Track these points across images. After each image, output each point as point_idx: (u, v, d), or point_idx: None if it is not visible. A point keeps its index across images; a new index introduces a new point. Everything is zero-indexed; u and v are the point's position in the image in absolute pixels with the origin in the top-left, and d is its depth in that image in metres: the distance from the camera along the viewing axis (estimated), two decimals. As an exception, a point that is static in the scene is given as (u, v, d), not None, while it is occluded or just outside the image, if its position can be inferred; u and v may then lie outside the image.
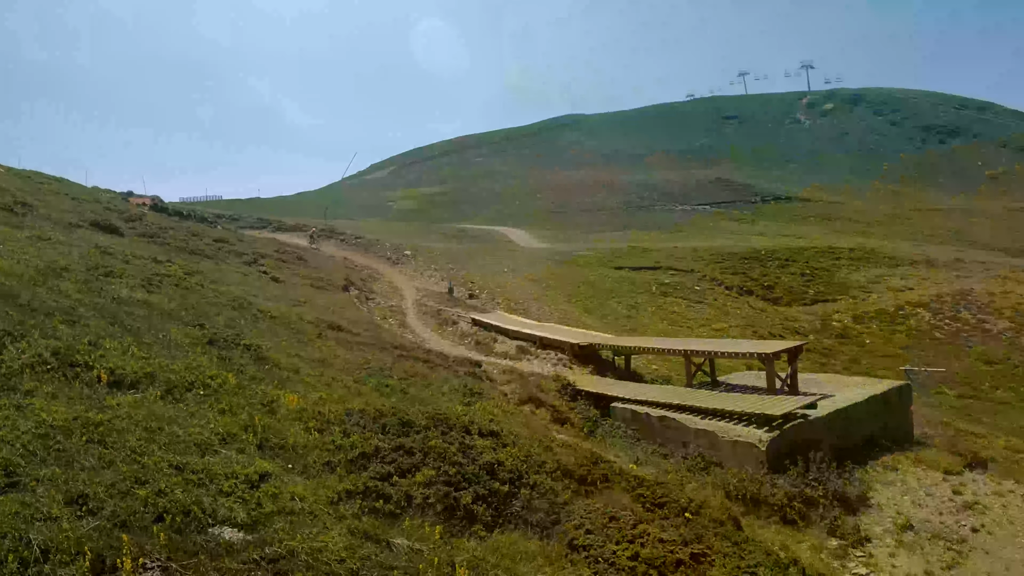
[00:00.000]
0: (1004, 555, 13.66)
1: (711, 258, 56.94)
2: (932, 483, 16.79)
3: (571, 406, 21.50)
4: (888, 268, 58.97)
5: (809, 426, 17.49)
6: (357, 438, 10.39)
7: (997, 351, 41.11)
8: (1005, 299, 50.19)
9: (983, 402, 33.71)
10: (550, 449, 12.90)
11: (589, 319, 37.85)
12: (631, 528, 9.96)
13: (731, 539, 10.74)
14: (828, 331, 44.16)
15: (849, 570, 12.67)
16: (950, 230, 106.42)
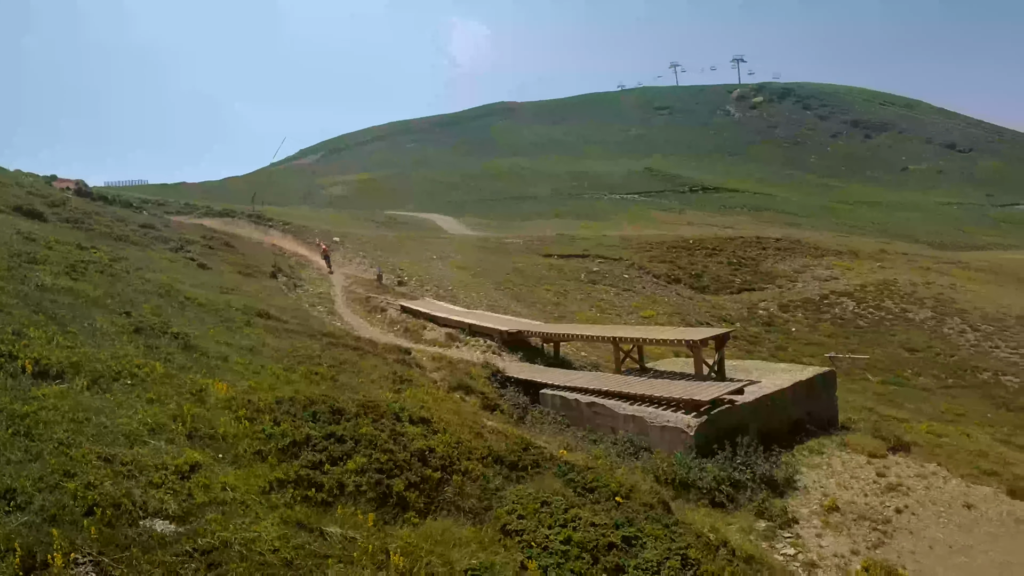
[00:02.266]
0: (927, 534, 13.98)
1: (640, 246, 57.51)
2: (857, 466, 17.11)
3: (501, 393, 21.50)
4: (814, 258, 60.25)
5: (736, 411, 17.67)
6: (288, 426, 10.20)
7: (919, 339, 42.28)
8: (927, 289, 51.70)
9: (905, 388, 34.64)
10: (481, 436, 12.87)
11: (518, 306, 37.87)
12: (563, 513, 9.97)
13: (662, 522, 10.81)
14: (755, 319, 44.96)
15: (777, 551, 12.82)
16: (875, 222, 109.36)
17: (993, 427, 29.14)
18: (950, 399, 33.65)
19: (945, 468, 17.83)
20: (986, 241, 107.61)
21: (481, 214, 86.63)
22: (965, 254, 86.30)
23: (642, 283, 48.82)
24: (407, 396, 14.82)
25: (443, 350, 26.45)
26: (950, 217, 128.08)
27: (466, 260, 48.41)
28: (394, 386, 16.51)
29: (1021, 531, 14.34)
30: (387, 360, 20.93)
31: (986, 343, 42.30)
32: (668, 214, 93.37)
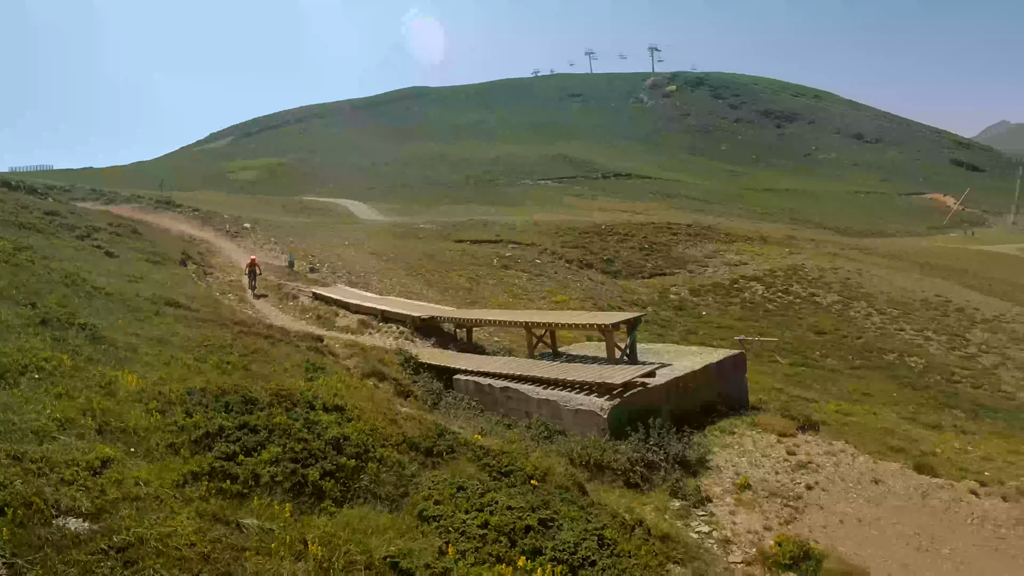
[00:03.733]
0: (837, 509, 14.27)
1: (552, 232, 57.82)
2: (768, 445, 17.39)
3: (414, 379, 21.37)
4: (724, 244, 61.47)
5: (649, 394, 17.79)
6: (200, 418, 9.91)
7: (827, 322, 43.44)
8: (834, 274, 53.22)
9: (814, 369, 35.50)
10: (395, 422, 12.73)
11: (431, 292, 37.67)
12: (479, 497, 9.92)
13: (577, 503, 10.85)
14: (666, 303, 45.56)
15: (692, 529, 12.94)
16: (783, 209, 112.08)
17: (899, 406, 30.08)
18: (857, 380, 34.62)
19: (853, 446, 18.25)
20: (891, 228, 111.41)
21: (394, 200, 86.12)
22: (870, 240, 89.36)
23: (554, 268, 49.03)
24: (320, 384, 14.57)
25: (356, 337, 26.21)
26: (857, 205, 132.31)
27: (379, 246, 47.95)
28: (307, 374, 16.23)
29: (927, 504, 14.77)
30: (300, 348, 20.61)
31: (891, 326, 43.70)
32: (580, 200, 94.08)
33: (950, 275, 62.07)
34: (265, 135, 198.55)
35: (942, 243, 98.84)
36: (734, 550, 12.39)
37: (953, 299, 50.38)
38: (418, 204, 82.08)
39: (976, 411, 31.99)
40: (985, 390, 35.24)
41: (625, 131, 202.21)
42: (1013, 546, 13.63)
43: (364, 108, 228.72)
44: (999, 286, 60.65)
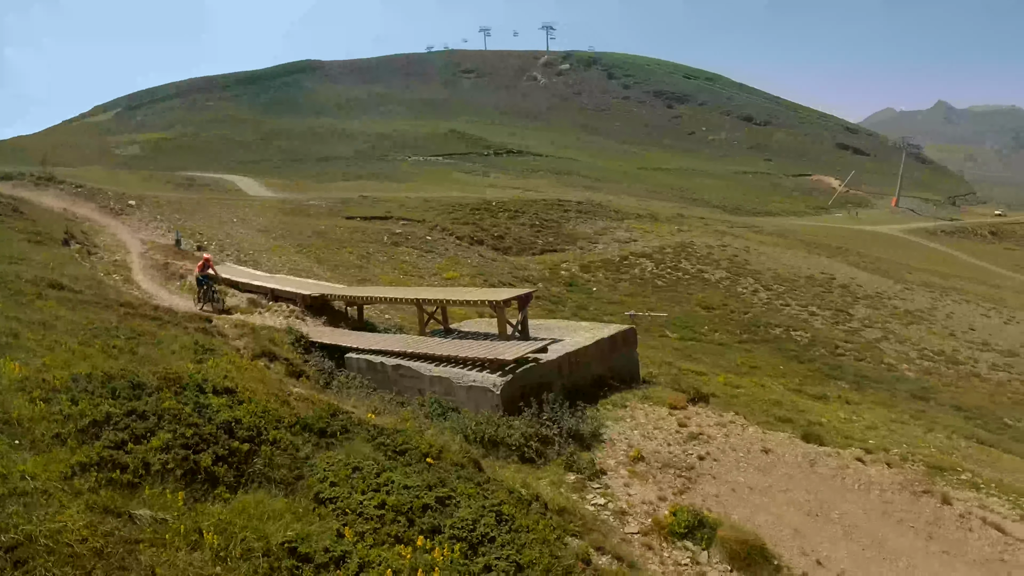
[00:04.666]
0: (729, 479, 14.53)
1: (443, 208, 57.54)
2: (659, 417, 17.57)
3: (306, 359, 20.96)
4: (614, 221, 62.21)
5: (541, 369, 17.78)
6: (86, 405, 9.37)
7: (715, 298, 44.44)
8: (722, 252, 54.48)
9: (703, 344, 36.29)
10: (287, 403, 12.48)
11: (321, 269, 37.03)
12: (375, 477, 9.75)
13: (474, 480, 10.78)
14: (557, 279, 45.86)
15: (588, 501, 12.99)
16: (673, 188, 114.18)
17: (785, 378, 31.01)
18: (745, 353, 35.55)
19: (743, 417, 18.61)
20: (778, 208, 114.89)
21: (283, 175, 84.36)
22: (758, 219, 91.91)
23: (445, 245, 48.83)
24: (210, 366, 14.10)
25: (245, 317, 25.56)
26: (745, 185, 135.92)
27: (268, 223, 46.92)
28: (196, 356, 15.67)
29: (815, 471, 15.20)
30: (188, 329, 19.90)
31: (777, 301, 45.02)
32: (472, 176, 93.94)
33: (834, 253, 64.38)
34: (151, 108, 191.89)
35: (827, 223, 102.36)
36: (630, 521, 12.48)
37: (837, 276, 52.25)
38: (308, 180, 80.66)
39: (860, 382, 33.24)
40: (868, 362, 36.66)
41: (518, 108, 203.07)
42: (899, 509, 14.17)
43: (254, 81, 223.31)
44: (881, 264, 63.27)
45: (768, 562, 11.74)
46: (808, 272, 52.25)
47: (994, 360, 40.09)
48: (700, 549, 11.78)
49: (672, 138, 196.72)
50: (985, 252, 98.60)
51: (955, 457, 21.24)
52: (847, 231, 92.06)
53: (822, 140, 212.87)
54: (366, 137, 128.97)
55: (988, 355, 40.75)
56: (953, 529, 13.98)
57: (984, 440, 26.38)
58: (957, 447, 23.54)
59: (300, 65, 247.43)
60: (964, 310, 49.70)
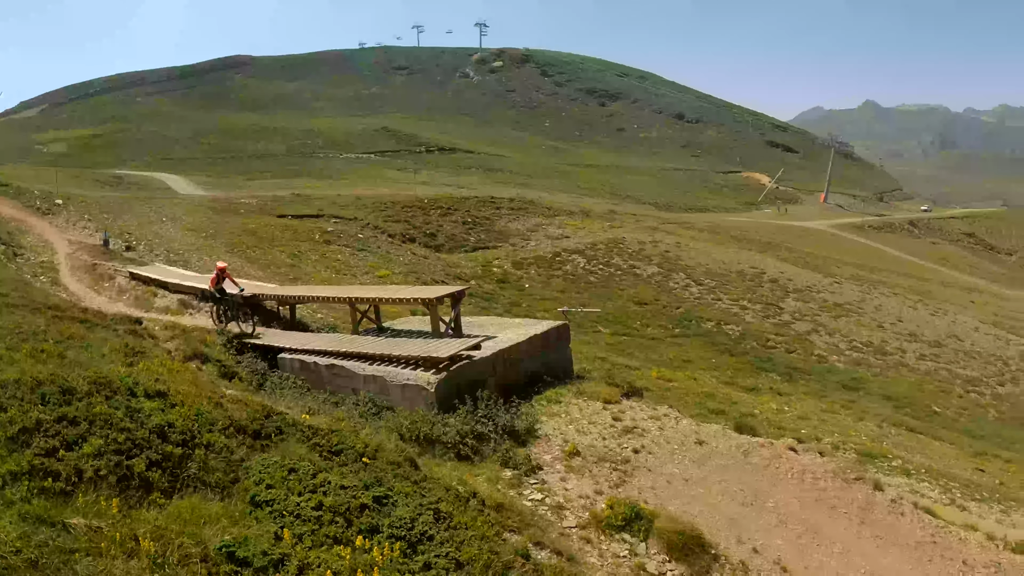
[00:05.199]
0: (664, 471, 14.67)
1: (375, 206, 57.13)
2: (594, 412, 17.65)
3: (238, 360, 20.62)
4: (546, 218, 62.42)
5: (475, 366, 17.76)
6: (15, 412, 9.05)
7: (647, 293, 44.83)
8: (654, 248, 54.99)
9: (635, 338, 36.60)
10: (221, 406, 12.17)
11: (252, 269, 36.47)
12: (311, 478, 9.66)
13: (411, 479, 10.80)
14: (489, 276, 45.89)
15: (525, 497, 13.01)
16: (605, 184, 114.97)
17: (718, 371, 31.45)
18: (677, 347, 35.96)
19: (676, 410, 18.81)
20: (709, 204, 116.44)
21: (213, 173, 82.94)
22: (689, 215, 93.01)
23: (377, 243, 48.52)
24: (141, 369, 13.80)
25: (176, 318, 25.07)
26: (676, 181, 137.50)
27: (198, 222, 46.04)
28: (127, 359, 15.34)
29: (749, 462, 15.40)
30: (118, 332, 19.47)
31: (709, 296, 45.63)
32: (403, 174, 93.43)
33: (765, 249, 65.49)
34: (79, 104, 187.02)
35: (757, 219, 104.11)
36: (568, 515, 12.52)
37: (767, 271, 53.13)
38: (238, 178, 79.43)
39: (791, 374, 33.87)
40: (798, 354, 37.36)
41: (450, 106, 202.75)
42: (832, 496, 14.47)
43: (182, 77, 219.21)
44: (810, 259, 64.55)
45: (706, 551, 11.88)
46: (739, 267, 53.03)
47: (921, 350, 41.20)
48: (638, 541, 11.86)
49: (604, 135, 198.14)
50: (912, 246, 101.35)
51: (885, 445, 21.77)
52: (777, 227, 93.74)
53: (752, 138, 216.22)
54: (298, 134, 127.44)
55: (915, 346, 41.86)
56: (885, 514, 14.31)
57: (913, 428, 27.10)
58: (887, 435, 24.12)
59: (232, 60, 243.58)
60: (892, 303, 50.95)
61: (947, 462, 22.01)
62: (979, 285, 79.09)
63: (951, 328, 46.83)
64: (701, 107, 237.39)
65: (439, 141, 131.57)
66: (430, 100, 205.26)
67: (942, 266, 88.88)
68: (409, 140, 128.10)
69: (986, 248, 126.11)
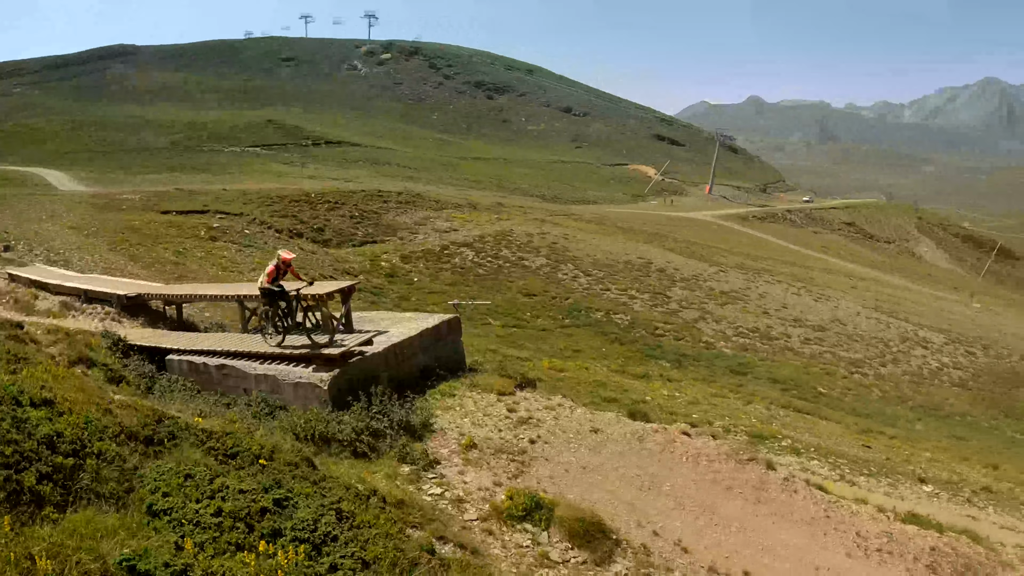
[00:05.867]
0: (561, 460, 14.83)
1: (261, 201, 55.95)
2: (488, 404, 17.68)
3: (125, 363, 19.80)
4: (434, 211, 62.24)
5: (367, 362, 17.58)
6: None
7: (536, 284, 45.17)
8: (542, 239, 55.39)
9: (525, 330, 36.86)
10: (110, 412, 11.63)
11: (136, 268, 35.25)
12: (208, 484, 9.37)
13: (309, 479, 10.65)
14: (378, 271, 45.52)
15: (425, 492, 12.96)
16: (493, 177, 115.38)
17: (608, 360, 31.89)
18: (567, 337, 36.35)
19: (570, 399, 19.01)
20: (596, 196, 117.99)
21: (95, 168, 79.58)
22: (577, 207, 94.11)
23: (264, 238, 47.56)
24: (25, 376, 13.10)
25: (59, 321, 23.95)
26: (563, 174, 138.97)
27: (79, 220, 44.11)
28: (9, 367, 14.57)
29: (644, 447, 15.69)
30: (-2, 337, 18.59)
31: (597, 286, 46.27)
32: (290, 167, 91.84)
33: (651, 239, 66.70)
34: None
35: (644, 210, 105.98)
36: (468, 508, 12.54)
37: (654, 261, 54.15)
38: (121, 173, 76.57)
39: (680, 360, 34.62)
40: (687, 341, 38.21)
41: (337, 98, 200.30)
42: (726, 478, 14.89)
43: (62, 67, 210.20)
44: (696, 249, 66.02)
45: (607, 537, 12.04)
46: (626, 257, 53.88)
47: (806, 335, 42.70)
48: (540, 530, 11.97)
49: (492, 128, 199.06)
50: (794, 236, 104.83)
51: (775, 426, 22.48)
52: (663, 217, 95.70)
53: (639, 131, 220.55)
54: (181, 127, 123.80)
55: (800, 330, 43.35)
56: (779, 492, 14.84)
57: (800, 408, 28.08)
58: (776, 416, 24.93)
59: (112, 50, 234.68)
60: (776, 290, 52.57)
61: (835, 440, 22.87)
62: (860, 272, 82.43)
63: (834, 313, 48.65)
64: (589, 101, 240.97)
65: (326, 134, 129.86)
66: (317, 92, 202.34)
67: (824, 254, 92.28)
68: (296, 133, 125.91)
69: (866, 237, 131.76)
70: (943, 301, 74.27)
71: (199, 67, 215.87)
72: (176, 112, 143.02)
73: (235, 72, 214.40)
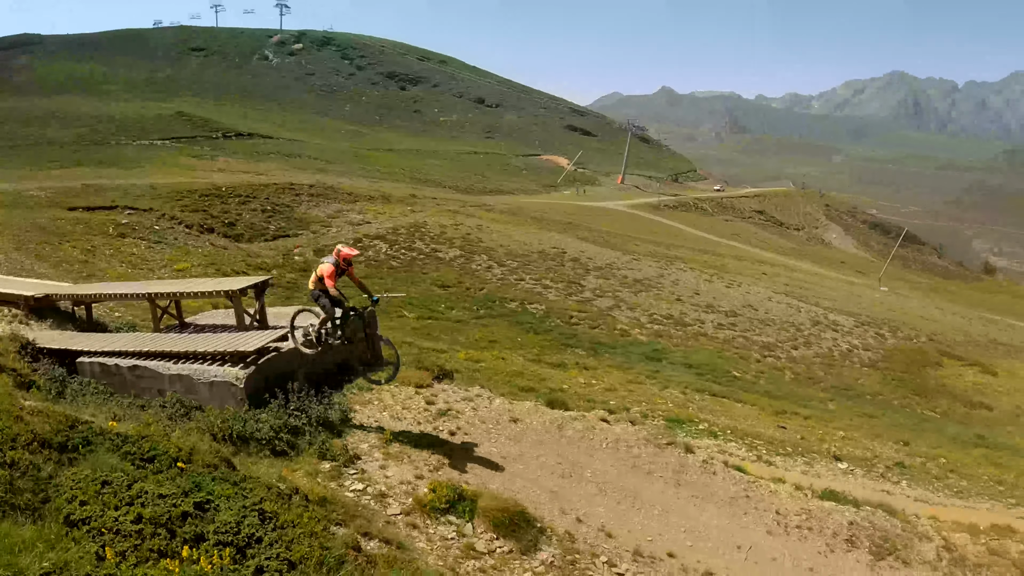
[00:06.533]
0: (482, 450, 14.90)
1: (171, 196, 54.54)
2: (407, 397, 17.65)
3: (34, 367, 19.03)
4: (347, 203, 61.62)
5: (283, 358, 17.30)
6: None
7: (450, 276, 45.11)
8: (456, 230, 55.35)
9: (440, 321, 36.71)
10: (21, 419, 11.22)
11: (43, 267, 34.00)
12: (127, 490, 9.06)
13: (230, 480, 10.38)
14: (291, 265, 44.84)
15: (347, 488, 12.83)
16: (406, 169, 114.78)
17: (524, 349, 31.94)
18: (483, 328, 36.34)
19: (488, 390, 19.12)
20: (509, 187, 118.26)
21: (-3, 163, 76.81)
22: (490, 198, 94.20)
23: (174, 234, 46.44)
24: None
25: (-38, 327, 23.09)
26: (476, 165, 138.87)
27: (-22, 218, 42.48)
28: None
29: (564, 435, 15.86)
30: (-103, 346, 17.79)
31: (512, 276, 46.38)
32: (200, 161, 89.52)
33: (565, 229, 67.14)
34: None
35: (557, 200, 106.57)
36: (391, 503, 12.46)
37: (568, 250, 54.53)
38: (25, 168, 73.77)
39: (596, 349, 34.87)
40: (602, 329, 38.55)
41: (248, 89, 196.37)
42: (646, 462, 15.17)
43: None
44: (609, 238, 66.72)
45: (531, 526, 12.13)
46: (540, 247, 54.15)
47: (719, 320, 43.53)
48: (464, 522, 11.98)
49: (404, 120, 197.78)
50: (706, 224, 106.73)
51: (691, 410, 22.87)
52: (576, 207, 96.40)
53: (551, 122, 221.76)
54: (88, 119, 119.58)
55: (713, 316, 44.16)
56: (699, 474, 15.20)
57: (716, 392, 28.58)
58: (692, 401, 25.34)
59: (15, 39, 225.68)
60: (689, 277, 53.47)
61: (750, 422, 23.38)
62: (770, 258, 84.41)
63: (746, 298, 49.68)
64: (502, 92, 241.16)
65: (237, 126, 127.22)
66: (228, 83, 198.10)
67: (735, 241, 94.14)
68: (206, 125, 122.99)
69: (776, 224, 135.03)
70: (852, 285, 76.56)
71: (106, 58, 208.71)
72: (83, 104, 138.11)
73: (144, 62, 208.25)
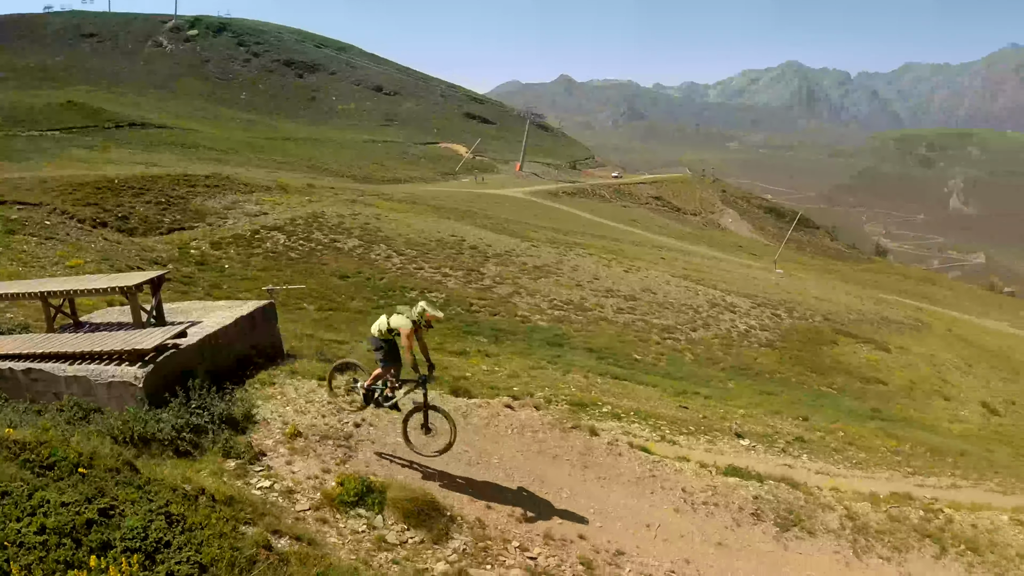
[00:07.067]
0: (388, 441, 14.87)
1: (62, 189, 52.45)
2: (310, 390, 17.38)
3: (-79, 378, 18.40)
4: (243, 194, 60.36)
5: (182, 355, 16.90)
6: None
7: (350, 266, 44.74)
8: (354, 220, 54.88)
9: (341, 312, 36.29)
10: None
11: (-71, 269, 32.64)
12: (28, 499, 8.72)
13: (134, 484, 10.07)
14: (187, 259, 43.76)
15: (253, 486, 12.60)
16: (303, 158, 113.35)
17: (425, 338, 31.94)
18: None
19: (392, 380, 19.06)
20: (407, 175, 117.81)
21: None
22: (388, 187, 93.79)
23: (66, 229, 44.67)
24: None
25: None
26: (374, 153, 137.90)
27: None
28: None
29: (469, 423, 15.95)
30: None
31: (411, 265, 46.27)
32: (92, 152, 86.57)
33: (463, 217, 67.26)
34: None
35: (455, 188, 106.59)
36: (299, 498, 12.35)
37: (467, 238, 54.64)
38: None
39: (497, 335, 35.03)
40: (503, 316, 38.76)
41: (141, 77, 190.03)
42: (552, 447, 15.42)
43: None
44: (508, 225, 67.13)
45: (442, 514, 12.19)
46: (439, 236, 54.12)
47: (618, 304, 44.25)
48: (374, 514, 11.97)
49: (301, 108, 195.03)
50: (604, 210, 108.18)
51: (594, 393, 23.26)
52: (474, 195, 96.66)
53: (450, 110, 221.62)
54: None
55: (612, 300, 44.89)
56: (605, 456, 15.54)
57: (618, 375, 29.11)
58: (595, 384, 25.76)
59: None
60: (588, 262, 54.15)
61: (653, 403, 23.89)
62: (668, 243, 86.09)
63: (644, 283, 50.58)
64: (400, 80, 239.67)
65: (129, 116, 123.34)
66: (120, 71, 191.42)
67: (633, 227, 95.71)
68: (97, 115, 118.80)
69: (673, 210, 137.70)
70: (748, 268, 78.73)
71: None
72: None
73: (34, 49, 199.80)
